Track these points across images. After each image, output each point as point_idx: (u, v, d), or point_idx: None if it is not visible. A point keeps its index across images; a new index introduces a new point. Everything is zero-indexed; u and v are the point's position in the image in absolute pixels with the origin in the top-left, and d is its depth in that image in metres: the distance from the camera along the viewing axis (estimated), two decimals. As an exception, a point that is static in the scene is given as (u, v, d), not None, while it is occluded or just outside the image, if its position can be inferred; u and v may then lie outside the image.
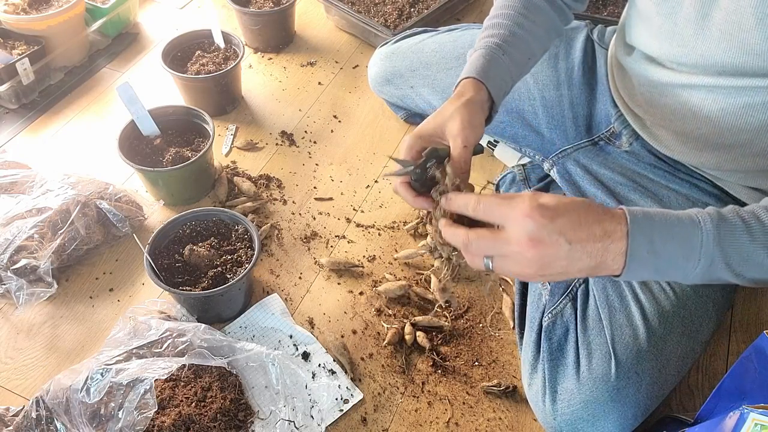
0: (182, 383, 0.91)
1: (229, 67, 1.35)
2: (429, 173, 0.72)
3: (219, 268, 1.02)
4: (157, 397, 0.86)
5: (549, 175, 1.13)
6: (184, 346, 0.92)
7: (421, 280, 1.11)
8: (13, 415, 0.89)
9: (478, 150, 0.79)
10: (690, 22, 0.77)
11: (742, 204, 0.90)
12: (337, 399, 0.95)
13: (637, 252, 0.60)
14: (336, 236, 1.19)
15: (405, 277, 1.12)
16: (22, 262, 1.02)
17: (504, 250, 0.61)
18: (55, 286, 1.04)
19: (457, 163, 0.71)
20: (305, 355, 1.00)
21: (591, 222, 0.60)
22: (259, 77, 1.54)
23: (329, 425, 0.93)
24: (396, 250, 1.16)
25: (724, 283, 0.64)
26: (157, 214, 1.22)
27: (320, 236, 1.19)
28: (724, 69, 0.77)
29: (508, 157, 1.28)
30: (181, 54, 1.41)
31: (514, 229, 0.60)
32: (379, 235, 1.19)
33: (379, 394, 0.97)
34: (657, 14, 0.81)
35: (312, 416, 0.93)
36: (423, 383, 0.98)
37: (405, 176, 0.73)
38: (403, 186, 0.74)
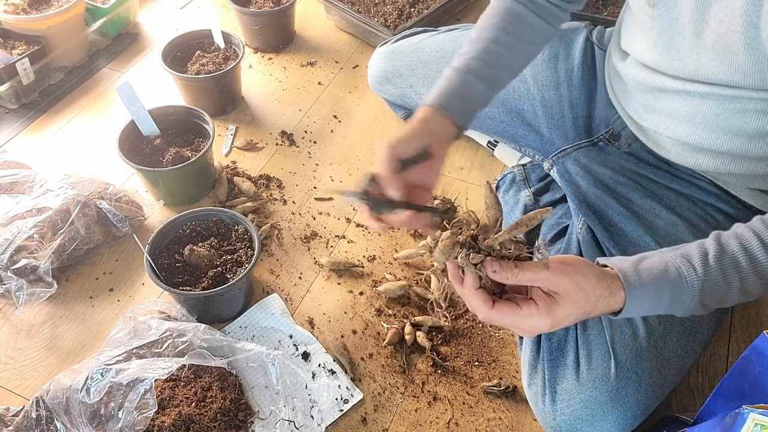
0: (182, 383, 0.91)
1: (229, 67, 1.35)
2: (371, 193, 0.76)
3: (219, 268, 1.02)
4: (157, 397, 0.86)
5: (549, 175, 1.13)
6: (184, 346, 0.92)
7: (421, 280, 1.11)
8: (13, 415, 0.89)
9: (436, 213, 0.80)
10: (685, 38, 0.78)
11: (743, 204, 0.91)
12: (337, 399, 0.95)
13: (628, 313, 0.68)
14: (336, 236, 1.19)
15: (405, 277, 1.12)
16: (22, 262, 1.02)
17: (524, 324, 0.66)
18: (55, 286, 1.04)
19: (382, 176, 0.75)
20: (305, 355, 1.00)
21: (590, 311, 0.66)
22: (259, 77, 1.54)
23: (329, 425, 0.93)
24: (396, 250, 1.16)
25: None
26: (157, 214, 1.22)
27: (320, 236, 1.19)
28: (718, 81, 0.77)
29: (508, 157, 1.28)
30: (181, 54, 1.41)
31: (562, 315, 0.65)
32: (379, 235, 1.19)
33: (379, 394, 0.97)
34: (652, 28, 0.82)
35: (312, 416, 0.93)
36: (423, 383, 0.98)
37: (371, 212, 0.76)
38: (371, 219, 0.77)
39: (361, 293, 1.10)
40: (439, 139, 0.82)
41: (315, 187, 1.28)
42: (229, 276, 1.01)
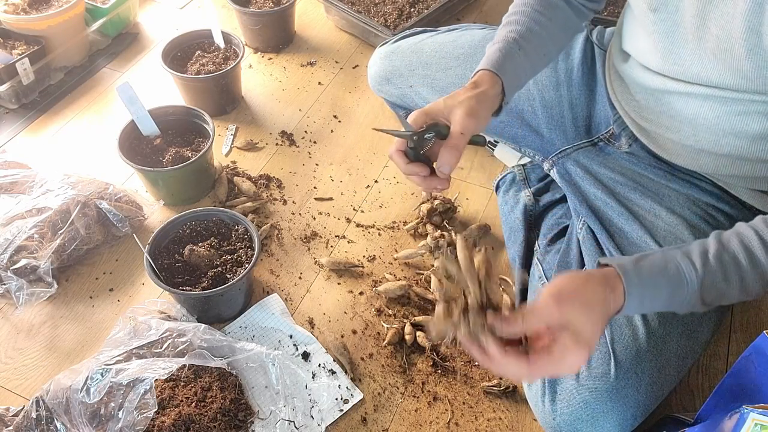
0: (182, 383, 0.91)
1: (229, 67, 1.35)
2: (425, 144, 0.76)
3: (219, 268, 1.02)
4: (157, 397, 0.86)
5: (549, 175, 1.13)
6: (184, 346, 0.92)
7: (421, 280, 1.11)
8: (13, 415, 0.89)
9: (480, 141, 0.81)
10: (687, 42, 0.78)
11: (743, 204, 0.91)
12: (337, 399, 0.95)
13: (629, 310, 0.67)
14: (336, 236, 1.19)
15: (405, 277, 1.12)
16: (22, 262, 1.02)
17: (564, 363, 0.62)
18: (55, 286, 1.04)
19: (450, 145, 0.75)
20: (305, 355, 1.00)
21: (605, 317, 0.65)
22: (259, 77, 1.54)
23: (329, 425, 0.93)
24: (396, 250, 1.16)
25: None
26: (157, 214, 1.22)
27: (320, 236, 1.19)
28: (720, 85, 0.77)
29: (508, 157, 1.28)
30: (181, 54, 1.41)
31: (574, 333, 0.62)
32: (379, 235, 1.19)
33: (379, 394, 0.97)
34: (654, 31, 0.82)
35: (312, 416, 0.93)
36: (423, 383, 0.98)
37: (400, 144, 0.77)
38: (398, 154, 0.78)
39: (361, 293, 1.10)
40: (489, 113, 0.82)
41: (315, 187, 1.28)
42: (229, 276, 1.01)
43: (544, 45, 0.91)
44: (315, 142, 1.38)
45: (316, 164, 1.33)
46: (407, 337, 1.02)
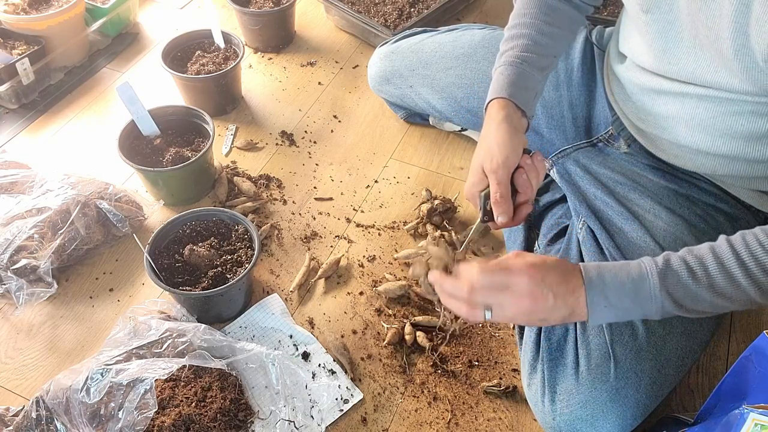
0: (182, 383, 0.91)
1: (229, 67, 1.35)
2: (490, 209, 0.83)
3: (219, 268, 1.02)
4: (157, 397, 0.86)
5: (548, 175, 1.13)
6: (184, 346, 0.92)
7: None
8: (13, 415, 0.89)
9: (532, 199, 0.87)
10: (681, 41, 0.78)
11: (743, 204, 0.91)
12: (337, 399, 0.95)
13: (596, 306, 0.70)
14: (336, 236, 1.19)
15: (405, 277, 1.12)
16: (22, 262, 1.02)
17: (504, 299, 0.71)
18: (55, 286, 1.04)
19: (496, 201, 0.81)
20: (305, 355, 1.00)
21: (567, 278, 0.70)
22: (259, 77, 1.54)
23: (329, 425, 0.93)
24: (396, 250, 1.16)
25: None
26: (157, 214, 1.22)
27: (320, 236, 1.19)
28: (714, 85, 0.77)
29: (508, 157, 1.28)
30: (181, 54, 1.41)
31: (515, 283, 0.70)
32: (379, 235, 1.19)
33: (379, 394, 0.97)
34: (648, 32, 0.82)
35: (312, 416, 0.93)
36: (423, 383, 0.98)
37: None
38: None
39: (361, 293, 1.10)
40: (522, 133, 0.87)
41: (315, 187, 1.28)
42: (229, 276, 1.01)
43: (552, 50, 0.94)
44: (315, 142, 1.38)
45: (316, 164, 1.33)
46: (407, 337, 1.02)
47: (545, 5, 0.95)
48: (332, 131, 1.40)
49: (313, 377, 0.98)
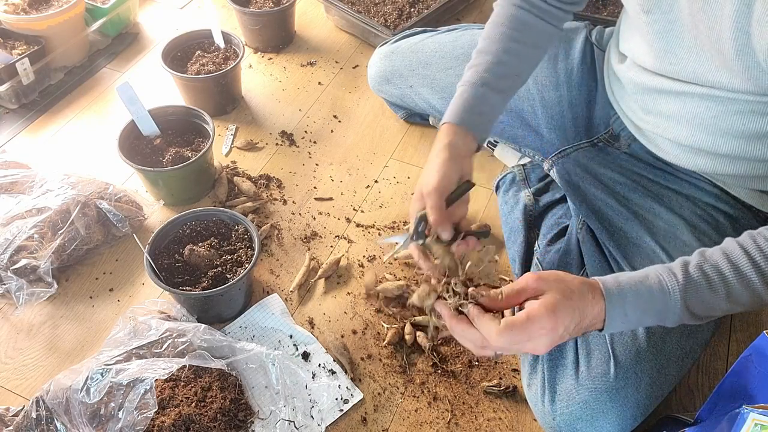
0: (182, 383, 0.91)
1: (229, 67, 1.35)
2: (421, 231, 0.82)
3: (219, 268, 1.02)
4: (157, 397, 0.86)
5: (549, 175, 1.13)
6: (184, 346, 0.92)
7: (420, 280, 1.11)
8: (13, 415, 0.89)
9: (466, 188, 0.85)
10: (682, 41, 0.78)
11: (743, 204, 0.91)
12: (337, 399, 0.95)
13: (614, 320, 0.67)
14: (336, 236, 1.19)
15: (405, 277, 1.12)
16: (22, 262, 1.02)
17: (521, 348, 0.67)
18: (55, 286, 1.04)
19: (434, 221, 0.80)
20: (305, 355, 1.00)
21: (587, 312, 0.66)
22: (259, 77, 1.54)
23: (329, 425, 0.93)
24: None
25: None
26: (157, 214, 1.22)
27: (320, 236, 1.19)
28: (715, 84, 0.77)
29: (508, 157, 1.28)
30: (181, 54, 1.41)
31: (534, 338, 0.65)
32: (379, 235, 1.19)
33: (379, 394, 0.97)
34: (648, 32, 0.82)
35: (312, 416, 0.93)
36: (423, 383, 0.98)
37: (421, 252, 0.83)
38: (423, 258, 0.84)
39: (361, 293, 1.10)
40: (466, 157, 0.86)
41: (315, 187, 1.28)
42: (229, 276, 1.01)
43: (516, 69, 0.93)
44: (315, 142, 1.38)
45: (316, 164, 1.33)
46: (407, 337, 1.02)
47: (517, 20, 0.94)
48: (332, 131, 1.40)
49: (313, 377, 0.98)
